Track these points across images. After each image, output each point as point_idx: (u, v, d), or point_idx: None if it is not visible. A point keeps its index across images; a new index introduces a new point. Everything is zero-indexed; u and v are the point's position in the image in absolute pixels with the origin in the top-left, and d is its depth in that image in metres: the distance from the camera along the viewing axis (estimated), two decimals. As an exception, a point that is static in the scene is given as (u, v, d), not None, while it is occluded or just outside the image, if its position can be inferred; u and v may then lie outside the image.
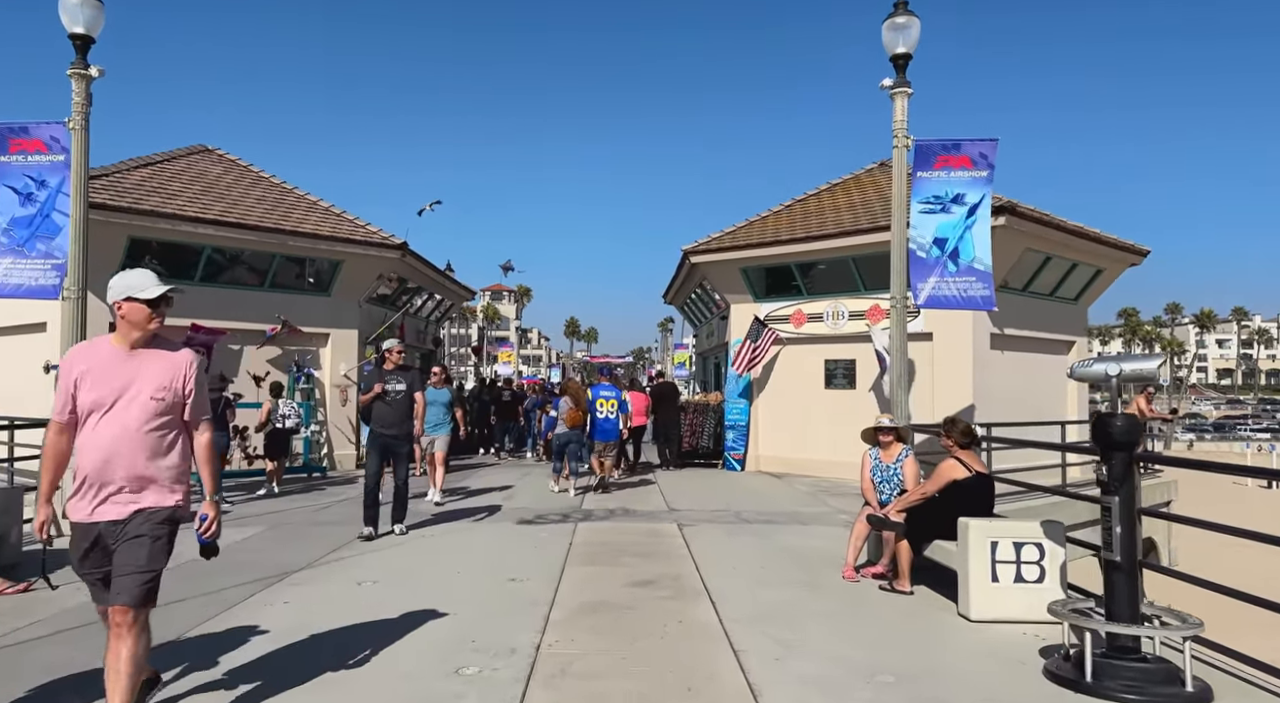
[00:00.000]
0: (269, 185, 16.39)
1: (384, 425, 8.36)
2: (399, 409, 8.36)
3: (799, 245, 14.57)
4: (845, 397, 14.89)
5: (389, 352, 8.61)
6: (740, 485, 13.48)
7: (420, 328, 20.90)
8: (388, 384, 8.30)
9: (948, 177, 10.10)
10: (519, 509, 10.40)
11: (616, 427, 12.38)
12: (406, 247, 15.86)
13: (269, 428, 11.91)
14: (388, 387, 8.29)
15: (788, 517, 10.04)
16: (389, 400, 8.28)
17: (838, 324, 14.87)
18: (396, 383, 8.36)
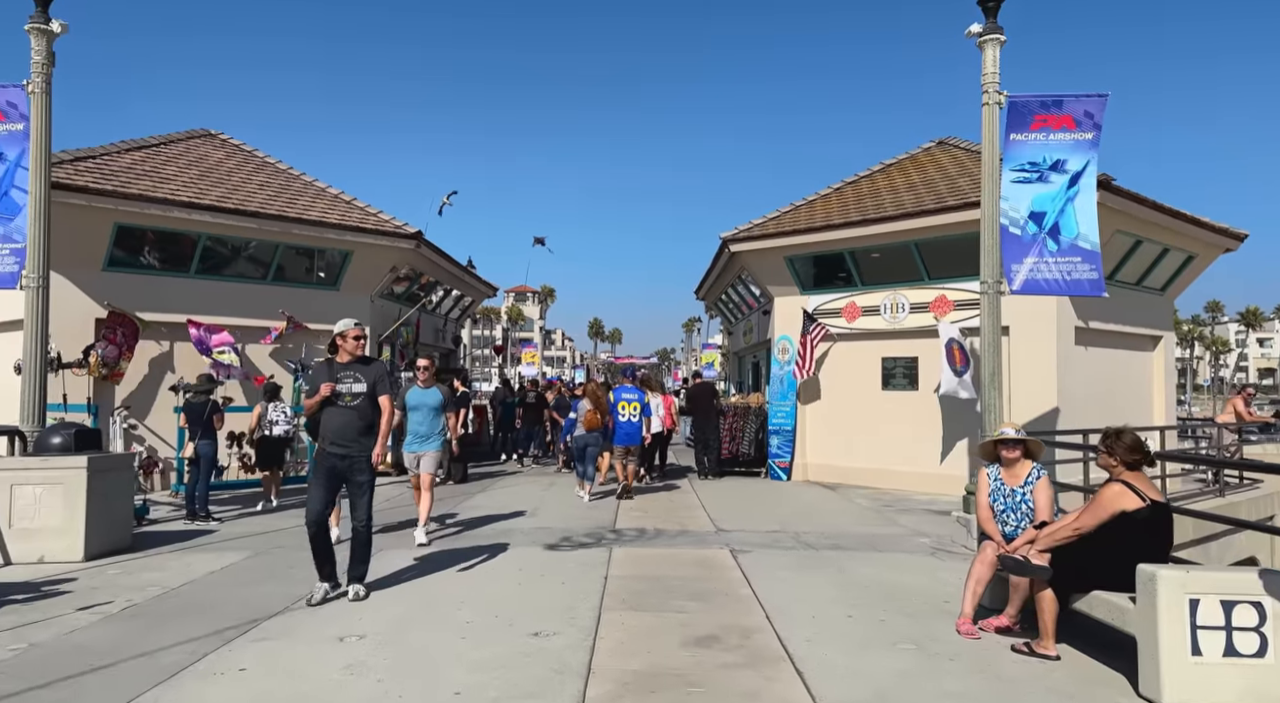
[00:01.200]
0: (274, 171, 15.19)
1: (333, 441, 5.96)
2: (354, 418, 5.99)
3: (853, 230, 13.05)
4: (906, 399, 13.34)
5: (342, 337, 6.20)
6: (791, 499, 12.00)
7: (439, 326, 19.64)
8: (340, 383, 6.00)
9: (1046, 140, 8.58)
10: (543, 530, 9.02)
11: (639, 430, 11.80)
12: (421, 236, 14.58)
13: (258, 435, 10.65)
14: (339, 387, 5.99)
15: (858, 541, 8.55)
16: (341, 405, 5.99)
17: (897, 318, 13.33)
18: (352, 381, 6.03)
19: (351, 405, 6.02)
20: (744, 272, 16.21)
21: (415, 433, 8.37)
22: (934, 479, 12.72)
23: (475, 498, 11.81)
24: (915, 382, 13.31)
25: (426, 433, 8.43)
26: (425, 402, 8.47)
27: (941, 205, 12.11)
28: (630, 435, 11.73)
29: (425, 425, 8.42)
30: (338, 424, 5.98)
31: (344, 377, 6.08)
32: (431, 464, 8.38)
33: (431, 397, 8.53)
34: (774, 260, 14.43)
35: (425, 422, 8.42)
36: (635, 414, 11.79)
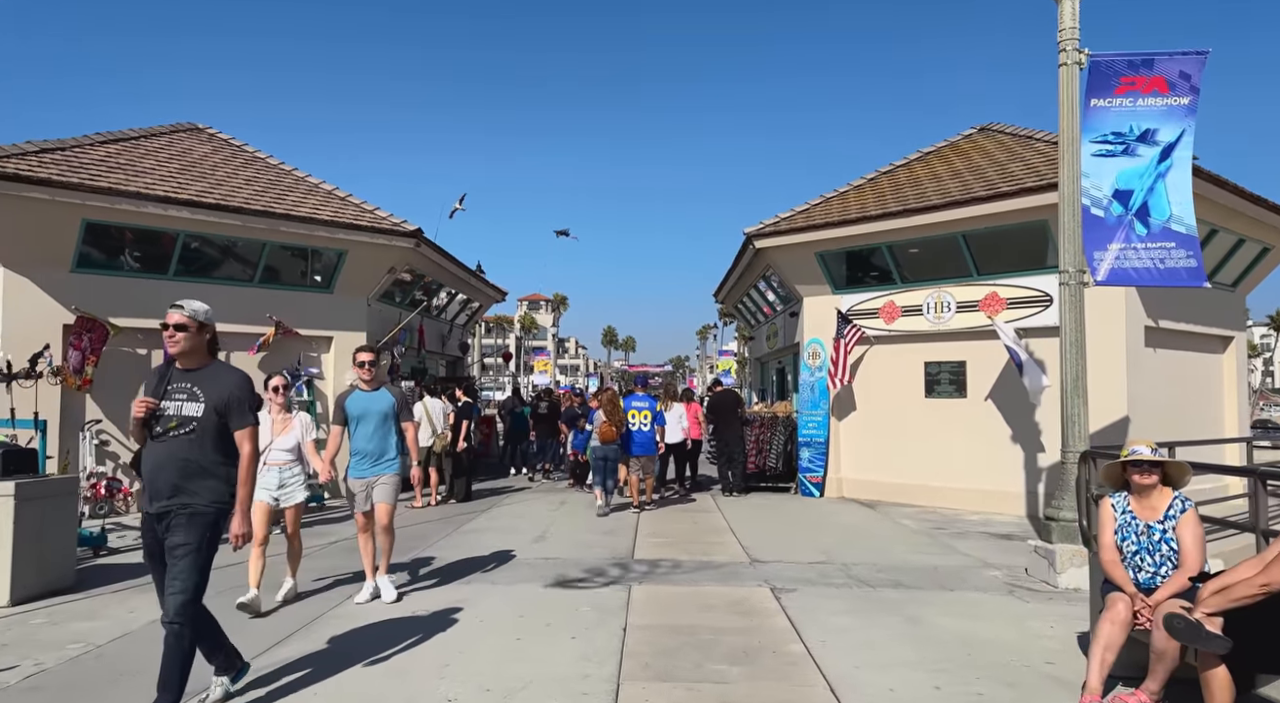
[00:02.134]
0: (263, 166, 14.18)
1: (151, 489, 3.83)
2: (178, 459, 3.80)
3: (893, 221, 11.83)
4: (952, 407, 12.08)
5: (168, 328, 3.95)
6: (829, 521, 10.76)
7: (444, 332, 18.56)
8: (167, 397, 3.87)
9: (1134, 106, 7.36)
10: (551, 561, 7.84)
11: (652, 439, 11.39)
12: (421, 234, 13.49)
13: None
14: (164, 405, 3.84)
15: (920, 575, 7.31)
16: (160, 436, 3.82)
17: (941, 318, 12.08)
18: (185, 399, 3.85)
19: (176, 437, 3.77)
20: (769, 270, 15.02)
21: (361, 453, 6.31)
22: (987, 497, 11.46)
23: (477, 520, 10.65)
24: (963, 388, 12.05)
25: (377, 451, 6.31)
26: (371, 409, 6.29)
27: (994, 192, 10.88)
28: (643, 445, 11.31)
29: (374, 442, 6.30)
30: (151, 466, 3.80)
31: (176, 390, 3.86)
32: (388, 495, 6.33)
33: (379, 402, 6.34)
34: (803, 257, 13.23)
35: (374, 437, 6.29)
36: (647, 423, 11.34)
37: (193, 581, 3.73)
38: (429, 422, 12.12)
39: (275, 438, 6.32)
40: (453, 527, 10.04)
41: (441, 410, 12.34)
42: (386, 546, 6.47)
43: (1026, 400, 10.97)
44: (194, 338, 3.97)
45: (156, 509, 3.81)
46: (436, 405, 12.32)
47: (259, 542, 6.03)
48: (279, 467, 6.30)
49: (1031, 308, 11.19)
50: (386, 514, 6.38)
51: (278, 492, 6.26)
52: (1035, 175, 10.93)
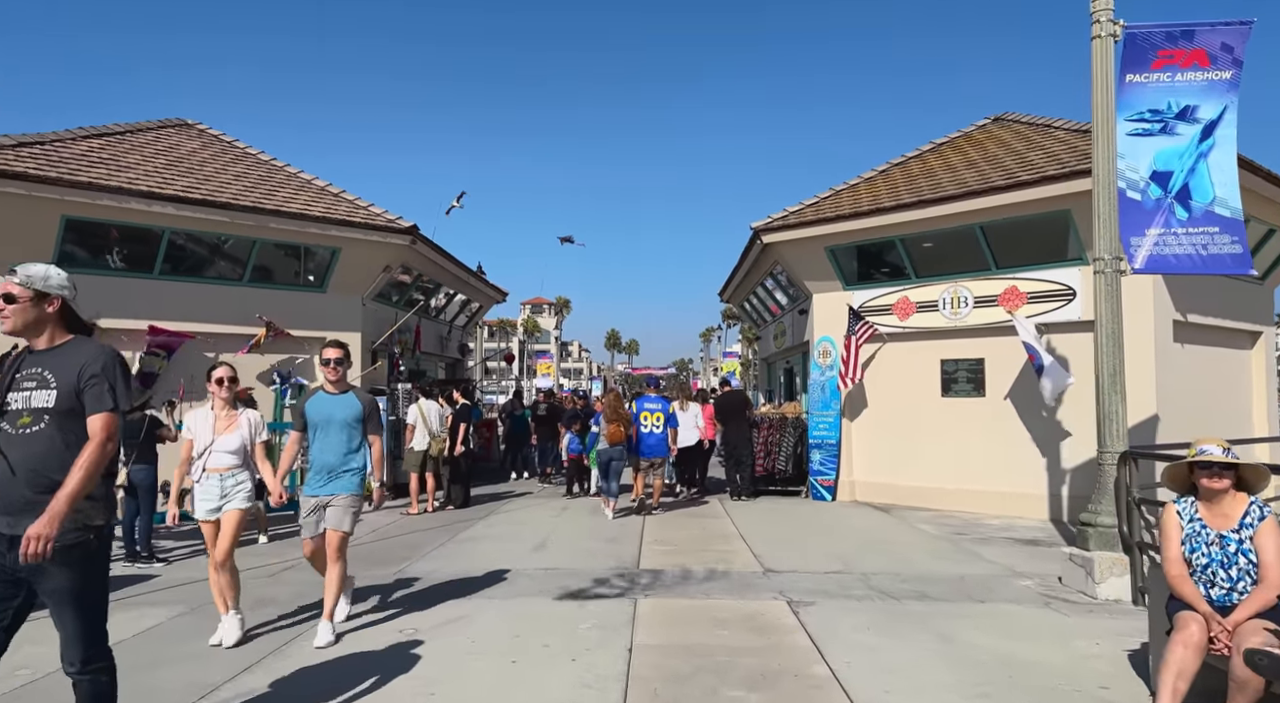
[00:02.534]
0: (254, 162, 13.75)
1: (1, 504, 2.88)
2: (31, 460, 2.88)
3: (907, 213, 11.34)
4: (971, 407, 11.58)
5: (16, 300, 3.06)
6: (843, 526, 10.26)
7: (442, 333, 18.10)
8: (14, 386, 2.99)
9: (1172, 81, 6.88)
10: (551, 571, 7.36)
11: (663, 442, 11.23)
12: (416, 231, 13.05)
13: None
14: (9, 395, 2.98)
15: (946, 586, 6.81)
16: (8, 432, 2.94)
17: (958, 313, 11.59)
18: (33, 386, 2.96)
19: (25, 436, 2.90)
20: (777, 266, 14.53)
21: (318, 466, 5.27)
22: (1008, 500, 10.95)
23: (474, 527, 10.17)
24: (981, 387, 11.54)
25: (337, 465, 5.25)
26: (334, 416, 5.27)
27: (1014, 181, 10.38)
28: (654, 448, 11.15)
29: (336, 453, 5.24)
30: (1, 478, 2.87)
31: (25, 378, 2.98)
32: (343, 519, 5.25)
33: (344, 408, 5.31)
34: (813, 252, 12.75)
35: (335, 448, 5.24)
36: (659, 425, 11.16)
37: (90, 626, 2.94)
38: (424, 425, 11.66)
39: (217, 438, 5.32)
40: (449, 535, 9.57)
41: (438, 413, 11.87)
42: (336, 581, 5.27)
43: (1048, 399, 10.47)
44: (29, 311, 3.01)
45: (8, 531, 2.83)
46: (433, 408, 11.86)
47: (218, 563, 5.21)
48: (220, 473, 5.28)
49: (1053, 302, 10.70)
50: (338, 543, 5.25)
51: (220, 502, 5.27)
52: (1056, 163, 10.44)
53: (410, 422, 11.67)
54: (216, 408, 5.44)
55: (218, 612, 5.33)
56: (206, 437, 5.32)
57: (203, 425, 5.38)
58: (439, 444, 11.70)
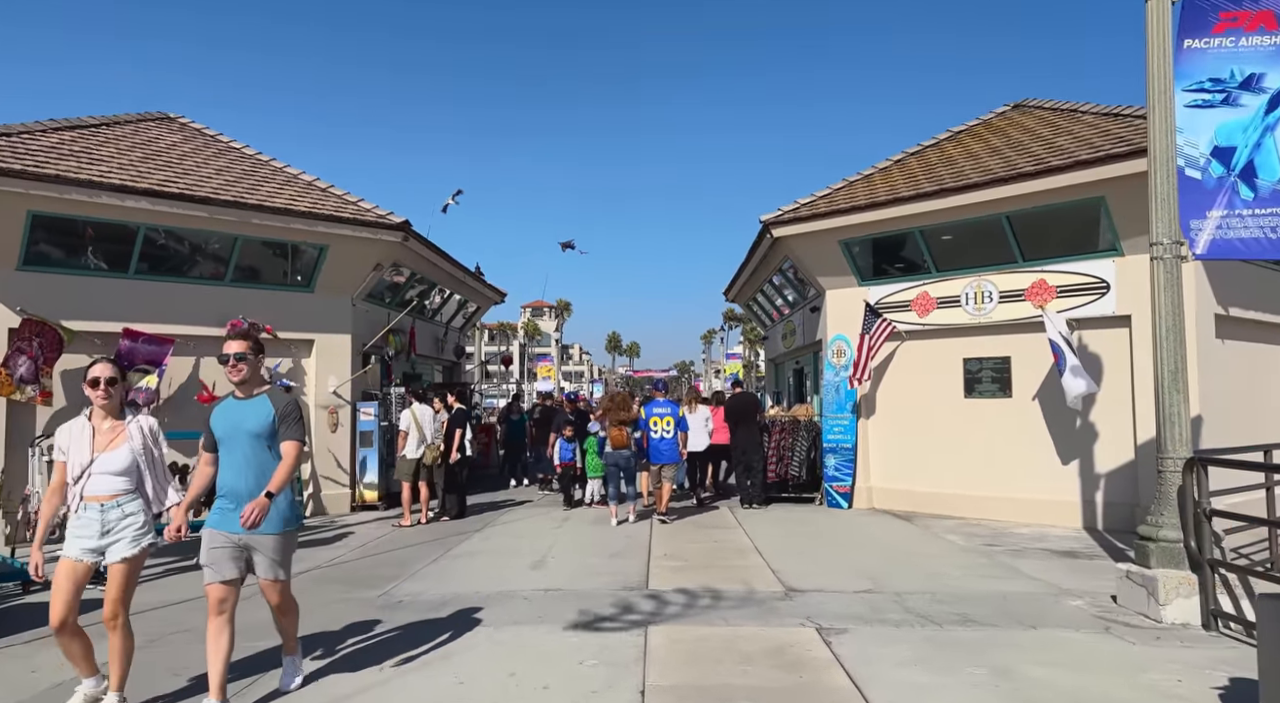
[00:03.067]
0: (238, 156, 13.11)
1: None
2: None
3: (927, 203, 10.69)
4: (996, 408, 10.92)
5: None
6: (865, 537, 9.60)
7: (438, 335, 17.45)
8: None
9: (1235, 47, 6.27)
10: (552, 594, 6.69)
11: (674, 447, 10.84)
12: (409, 227, 12.40)
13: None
14: None
15: (989, 606, 6.14)
16: None
17: (982, 309, 10.93)
18: None
19: None
20: (787, 262, 13.88)
21: (230, 491, 4.07)
22: (1038, 507, 10.29)
23: (469, 541, 9.51)
24: (1007, 387, 10.88)
25: (250, 489, 4.01)
26: (240, 427, 4.10)
27: (1043, 167, 9.73)
28: (664, 453, 10.80)
29: (247, 474, 4.05)
30: None
31: None
32: (276, 568, 4.14)
33: (252, 416, 4.12)
34: (826, 245, 12.09)
35: (245, 468, 4.06)
36: (669, 430, 10.82)
37: None
38: (418, 430, 11.00)
39: (98, 456, 4.10)
40: (441, 549, 8.90)
41: (431, 418, 11.22)
42: (290, 621, 4.45)
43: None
44: None
45: None
46: (426, 413, 11.21)
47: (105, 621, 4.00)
48: (102, 503, 4.05)
49: (1085, 296, 10.04)
50: (279, 595, 4.24)
51: (100, 541, 4.02)
52: (1087, 147, 9.79)
53: (403, 428, 11.00)
54: (96, 418, 4.21)
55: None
56: (83, 455, 4.09)
57: (79, 441, 4.14)
58: (433, 452, 11.04)
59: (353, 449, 12.48)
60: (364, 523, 11.15)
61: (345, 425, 12.42)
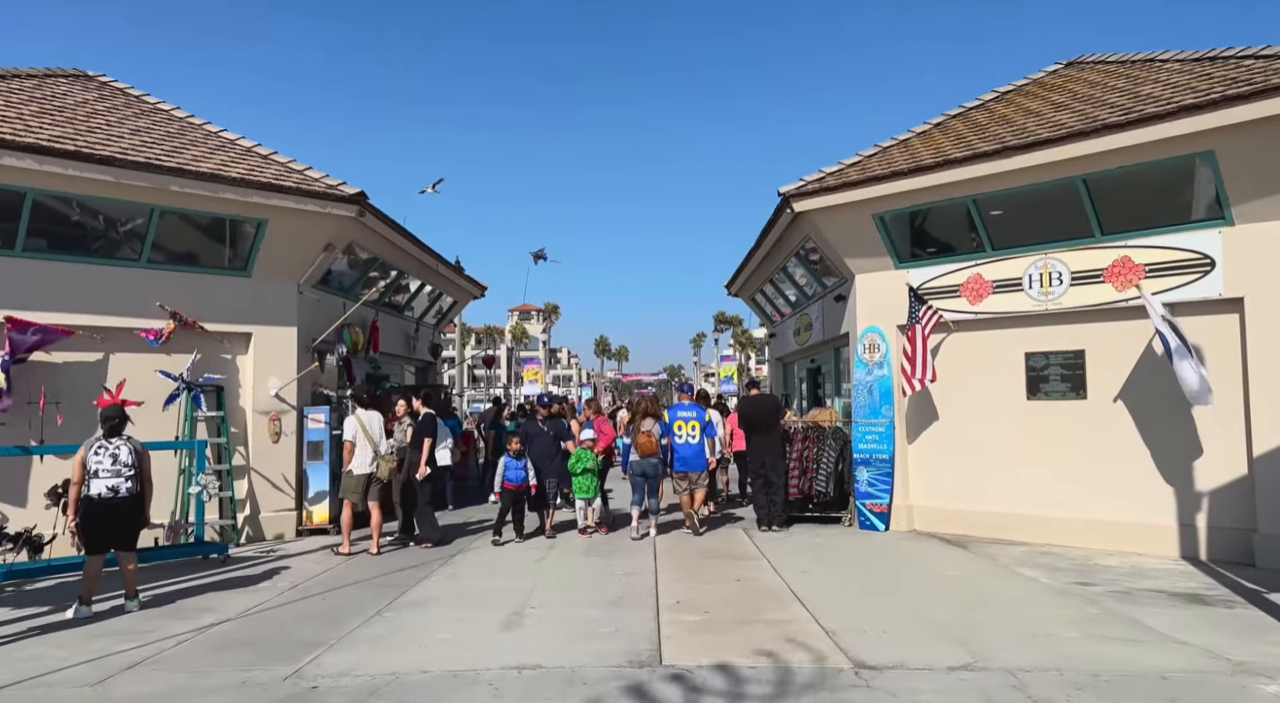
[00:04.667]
0: (164, 118, 11.19)
1: None
2: None
3: (986, 165, 8.88)
4: (1067, 412, 9.12)
5: None
6: (921, 572, 7.77)
7: (409, 331, 15.51)
8: None
9: None
10: (528, 674, 4.80)
11: (701, 453, 9.88)
12: (365, 200, 10.48)
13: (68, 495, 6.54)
14: None
15: (1153, 697, 4.30)
16: None
17: (1049, 294, 9.13)
18: None
19: None
20: (807, 243, 12.03)
21: None
22: (1122, 532, 8.52)
23: (429, 581, 7.58)
24: (1080, 386, 9.08)
25: None
26: None
27: (1136, 117, 7.92)
28: (690, 461, 9.79)
29: None
30: None
31: None
32: None
33: None
34: (857, 220, 10.26)
35: None
36: (695, 435, 9.82)
37: None
38: (367, 441, 9.09)
39: None
40: (390, 595, 6.99)
41: (382, 425, 9.32)
42: None
43: (1174, 400, 8.07)
44: None
45: None
46: (375, 420, 9.30)
47: None
48: None
49: (1181, 275, 8.27)
50: None
51: None
52: (1189, 93, 8.01)
53: (348, 438, 9.09)
54: None
55: None
56: None
57: None
58: (388, 465, 9.13)
59: (299, 462, 10.54)
60: (306, 553, 9.23)
61: (291, 435, 10.48)
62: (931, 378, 9.69)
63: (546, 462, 10.01)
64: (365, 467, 9.04)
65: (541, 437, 10.17)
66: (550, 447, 10.22)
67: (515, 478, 9.52)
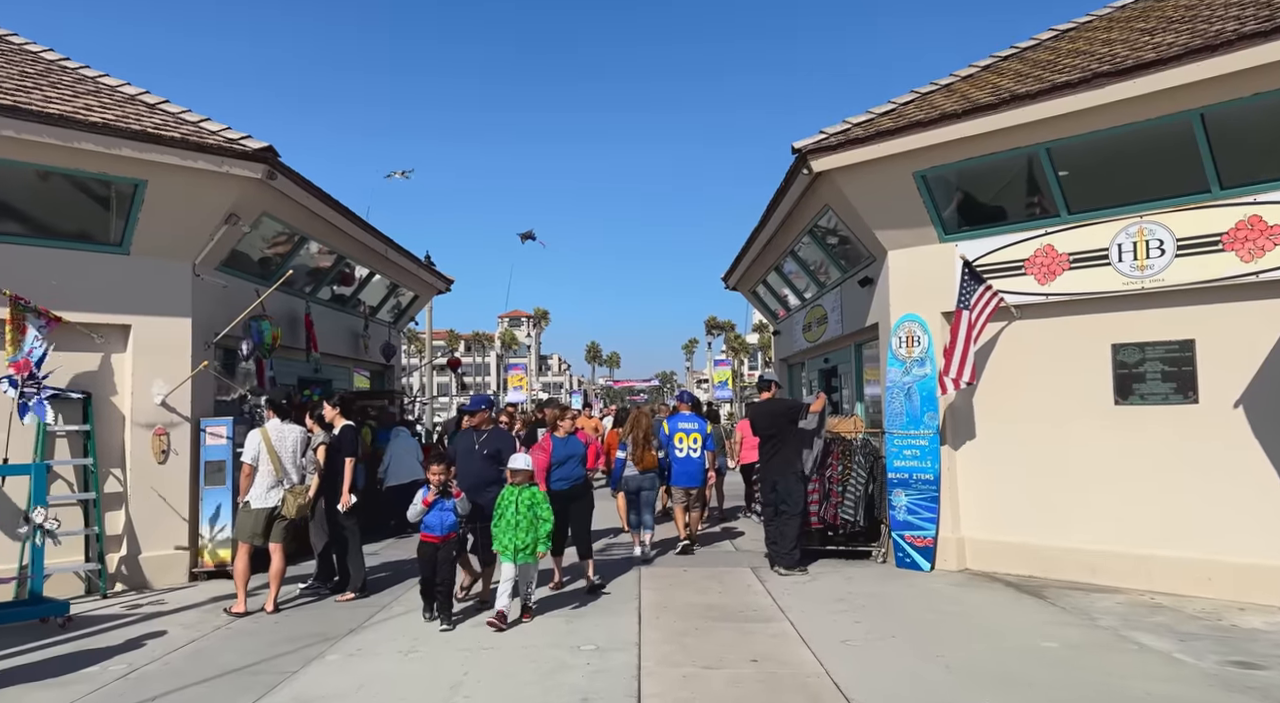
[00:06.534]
0: (29, 58, 9.04)
1: None
2: None
3: (1071, 97, 6.82)
4: (1173, 421, 7.06)
5: None
6: (1001, 639, 5.67)
7: (357, 329, 13.35)
8: None
9: None
10: None
11: (701, 467, 9.27)
12: (274, 157, 8.34)
13: None
14: None
15: None
16: None
17: (1147, 268, 7.09)
18: None
19: None
20: (824, 216, 9.94)
21: None
22: (1260, 578, 6.45)
23: (325, 663, 5.41)
24: (1189, 386, 7.02)
25: None
26: None
27: None
28: (692, 476, 9.18)
29: None
30: None
31: None
32: None
33: None
34: (893, 181, 8.19)
35: None
36: (696, 448, 9.17)
37: None
38: (273, 465, 6.94)
39: None
40: (270, 681, 4.86)
41: (296, 445, 7.17)
42: None
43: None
44: None
45: None
46: (290, 437, 7.15)
47: None
48: None
49: (1334, 239, 6.22)
50: None
51: None
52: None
53: (247, 460, 6.93)
54: None
55: None
56: None
57: None
58: (298, 501, 6.96)
59: (194, 488, 8.39)
60: (189, 609, 7.08)
61: (182, 454, 8.32)
62: (969, 379, 7.63)
63: (478, 493, 6.67)
64: (265, 499, 6.87)
65: (470, 457, 6.94)
66: (485, 472, 6.82)
67: (438, 524, 6.21)
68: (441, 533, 6.22)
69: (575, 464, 7.38)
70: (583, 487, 7.50)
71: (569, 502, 7.27)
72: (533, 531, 6.23)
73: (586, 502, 7.55)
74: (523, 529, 6.19)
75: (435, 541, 6.22)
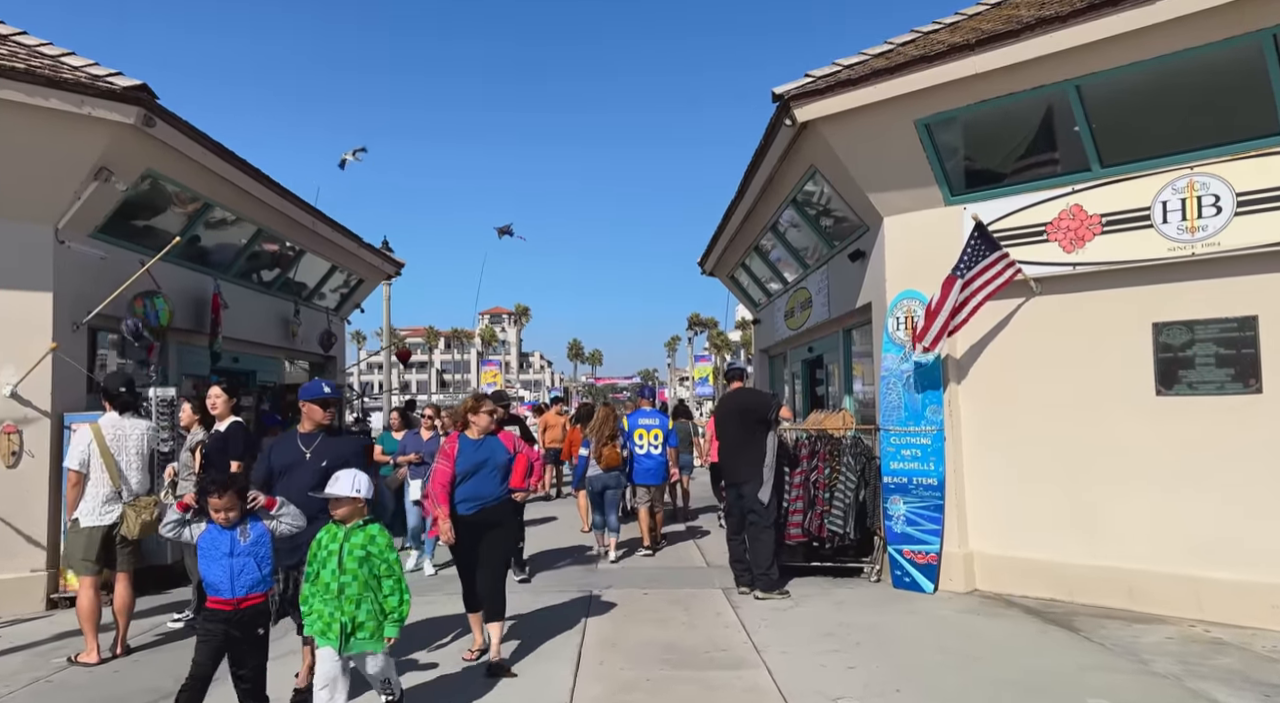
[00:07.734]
0: None
1: None
2: None
3: (1110, 18, 5.56)
4: (1229, 415, 5.84)
5: None
6: (1026, 689, 4.42)
7: (287, 315, 11.90)
8: None
9: None
10: None
11: (663, 464, 8.79)
12: (150, 98, 6.90)
13: None
14: None
15: None
16: None
17: (1199, 230, 5.86)
18: None
19: None
20: (813, 175, 8.61)
21: None
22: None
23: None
24: (1252, 373, 5.80)
25: None
26: None
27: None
28: (652, 473, 8.79)
29: None
30: None
31: None
32: None
33: None
34: (891, 130, 6.90)
35: None
36: (657, 444, 8.81)
37: None
38: (108, 472, 5.54)
39: None
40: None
41: (141, 445, 5.78)
42: None
43: None
44: None
45: None
46: (134, 433, 5.76)
47: None
48: None
49: None
50: None
51: None
52: None
53: (73, 466, 5.52)
54: None
55: None
56: None
57: None
58: (140, 516, 5.56)
59: (55, 498, 6.96)
60: (23, 649, 5.68)
61: (39, 456, 6.90)
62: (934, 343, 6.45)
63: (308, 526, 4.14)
64: (99, 516, 5.47)
65: (298, 473, 4.49)
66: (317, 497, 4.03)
67: (217, 580, 3.78)
68: (233, 597, 3.74)
69: (490, 478, 5.11)
70: (501, 511, 5.16)
71: (482, 531, 5.06)
72: (369, 598, 3.80)
73: (504, 533, 5.25)
74: (349, 597, 3.76)
75: (228, 606, 3.74)
